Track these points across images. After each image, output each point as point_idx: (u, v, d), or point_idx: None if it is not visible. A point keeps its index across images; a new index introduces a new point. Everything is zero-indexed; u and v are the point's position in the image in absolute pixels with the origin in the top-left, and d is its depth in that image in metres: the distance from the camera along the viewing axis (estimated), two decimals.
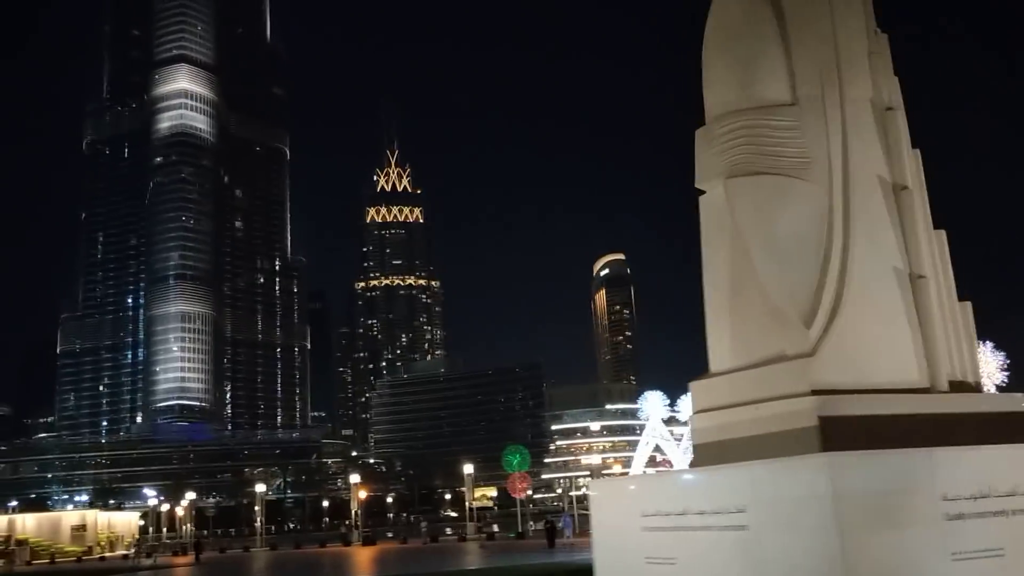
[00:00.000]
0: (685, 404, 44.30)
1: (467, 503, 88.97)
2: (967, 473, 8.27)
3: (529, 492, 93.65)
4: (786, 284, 10.06)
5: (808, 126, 10.47)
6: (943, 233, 10.88)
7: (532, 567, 34.27)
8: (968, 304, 10.75)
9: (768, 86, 10.70)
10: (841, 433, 8.98)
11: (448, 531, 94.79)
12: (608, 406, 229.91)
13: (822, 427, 9.01)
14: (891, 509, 7.83)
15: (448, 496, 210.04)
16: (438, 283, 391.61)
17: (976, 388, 10.46)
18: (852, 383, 9.47)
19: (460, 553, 56.50)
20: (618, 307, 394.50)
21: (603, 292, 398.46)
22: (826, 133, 10.45)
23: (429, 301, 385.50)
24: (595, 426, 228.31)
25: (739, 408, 10.14)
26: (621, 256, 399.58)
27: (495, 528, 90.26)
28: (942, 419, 9.54)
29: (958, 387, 10.15)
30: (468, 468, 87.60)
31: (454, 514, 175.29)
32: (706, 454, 10.48)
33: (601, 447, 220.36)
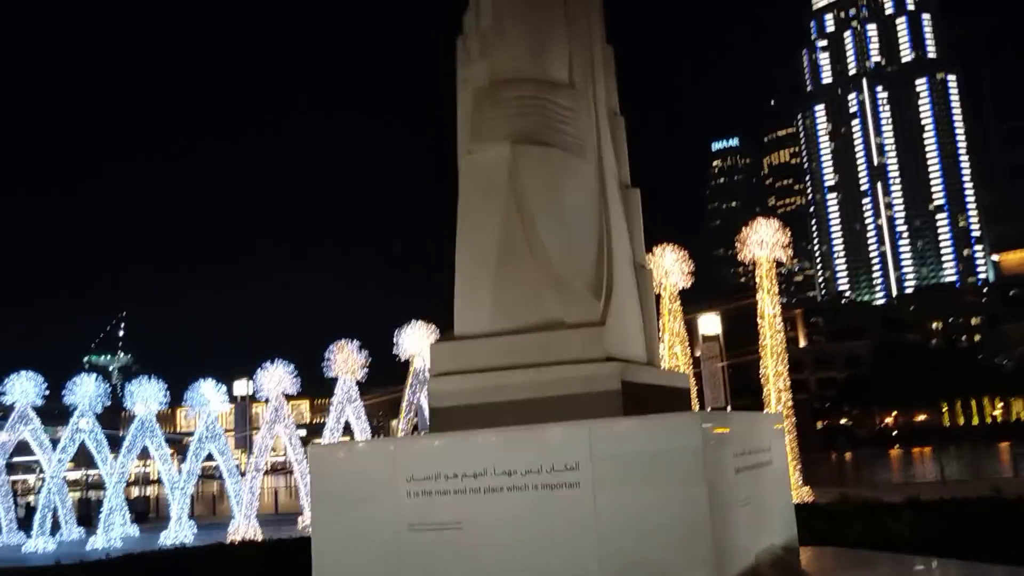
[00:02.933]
0: (79, 390, 39.50)
1: None
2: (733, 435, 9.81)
3: None
4: (572, 256, 10.47)
5: (580, 112, 11.09)
6: None
7: None
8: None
9: (555, 64, 11.02)
10: (631, 397, 9.77)
11: None
12: None
13: (623, 391, 9.66)
14: (721, 462, 8.88)
15: None
16: None
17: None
18: (619, 353, 10.32)
19: None
20: None
21: None
22: (590, 122, 11.21)
23: None
24: None
25: (509, 371, 10.11)
26: None
27: None
28: (664, 390, 11.04)
29: (659, 364, 11.80)
30: None
31: None
32: (460, 417, 10.13)
33: None
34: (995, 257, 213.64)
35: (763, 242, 36.94)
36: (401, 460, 9.64)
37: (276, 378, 40.15)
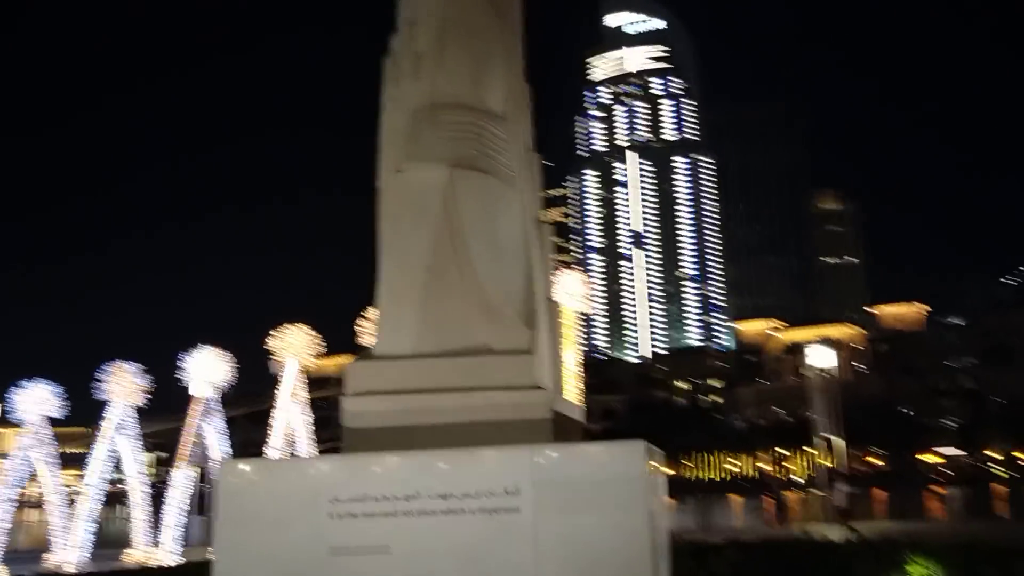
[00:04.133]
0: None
1: None
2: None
3: None
4: (503, 284, 10.49)
5: (512, 143, 11.22)
6: None
7: None
8: None
9: (492, 93, 11.09)
10: (559, 426, 9.93)
11: None
12: None
13: (555, 419, 9.79)
14: (652, 491, 9.18)
15: None
16: None
17: None
18: (541, 382, 10.43)
19: None
20: None
21: None
22: (519, 154, 11.36)
23: None
24: None
25: (435, 394, 9.93)
26: None
27: None
28: (568, 420, 11.24)
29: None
30: None
31: None
32: (379, 438, 9.79)
33: None
34: (736, 326, 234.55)
35: (569, 293, 38.50)
36: (324, 480, 9.18)
37: (38, 399, 36.57)
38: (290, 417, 40.46)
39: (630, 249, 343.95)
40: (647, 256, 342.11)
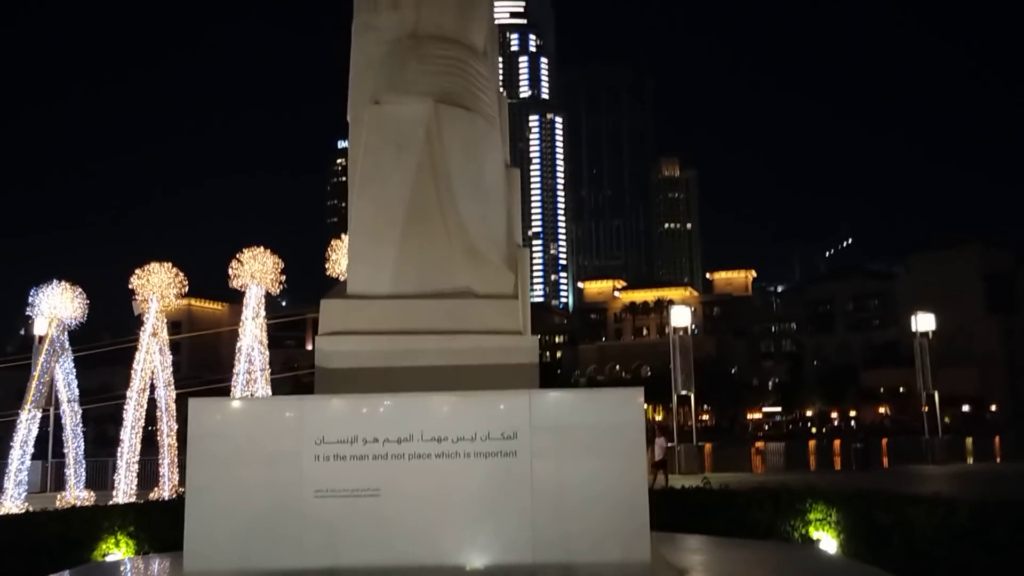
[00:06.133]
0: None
1: None
2: None
3: None
4: (486, 226, 10.18)
5: (492, 82, 10.86)
6: None
7: None
8: None
9: (477, 31, 10.65)
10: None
11: None
12: None
13: (539, 365, 9.69)
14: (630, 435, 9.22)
15: None
16: None
17: None
18: (524, 328, 10.32)
19: None
20: None
21: None
22: (496, 94, 11.02)
23: None
24: None
25: (417, 336, 9.60)
26: None
27: None
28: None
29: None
30: None
31: None
32: (356, 380, 9.38)
33: None
34: (580, 284, 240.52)
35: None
36: (309, 421, 8.74)
37: None
38: (151, 359, 38.37)
39: None
40: None
